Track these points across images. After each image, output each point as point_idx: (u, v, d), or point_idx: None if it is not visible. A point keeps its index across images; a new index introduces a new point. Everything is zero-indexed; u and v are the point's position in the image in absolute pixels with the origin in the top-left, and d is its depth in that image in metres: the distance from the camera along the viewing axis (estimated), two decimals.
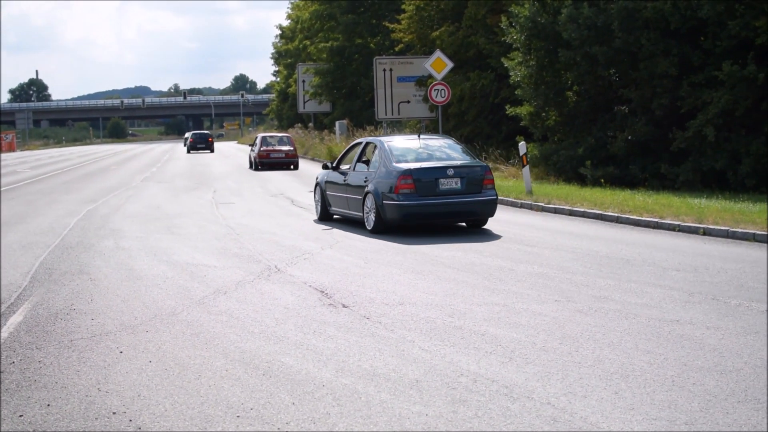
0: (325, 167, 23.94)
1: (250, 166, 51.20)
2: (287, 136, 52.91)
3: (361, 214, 20.48)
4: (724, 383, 8.18)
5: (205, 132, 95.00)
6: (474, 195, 19.67)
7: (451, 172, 19.58)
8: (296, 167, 49.04)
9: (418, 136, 21.97)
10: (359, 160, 21.52)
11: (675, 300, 11.82)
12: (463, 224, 20.14)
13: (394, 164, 19.80)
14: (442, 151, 21.01)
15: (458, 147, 21.40)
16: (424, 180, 19.43)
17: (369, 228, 19.98)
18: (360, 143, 22.42)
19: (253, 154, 50.44)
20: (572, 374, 8.54)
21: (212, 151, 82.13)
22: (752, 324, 10.37)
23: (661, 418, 7.33)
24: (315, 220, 22.46)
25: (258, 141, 50.81)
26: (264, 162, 48.68)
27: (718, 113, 25.42)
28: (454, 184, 19.54)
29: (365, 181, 20.41)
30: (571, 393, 7.99)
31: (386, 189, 19.50)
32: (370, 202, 19.99)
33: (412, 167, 19.56)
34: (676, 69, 26.91)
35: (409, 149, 20.77)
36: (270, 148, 49.59)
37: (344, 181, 21.61)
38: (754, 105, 25.49)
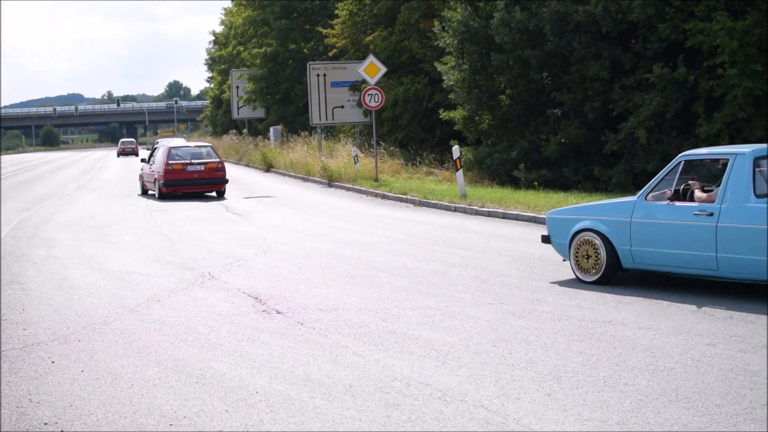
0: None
1: None
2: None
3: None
4: (656, 383, 8.26)
5: (132, 140, 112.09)
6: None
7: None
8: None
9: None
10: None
11: (607, 301, 11.94)
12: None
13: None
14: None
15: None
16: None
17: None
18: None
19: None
20: (505, 376, 8.58)
21: (137, 155, 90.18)
22: (683, 324, 10.48)
23: (593, 418, 7.39)
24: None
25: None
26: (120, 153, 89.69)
27: (650, 115, 25.63)
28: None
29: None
30: (504, 395, 8.03)
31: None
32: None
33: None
34: (607, 72, 27.11)
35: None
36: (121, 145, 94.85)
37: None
38: (685, 107, 25.75)
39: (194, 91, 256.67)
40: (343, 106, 45.07)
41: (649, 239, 13.09)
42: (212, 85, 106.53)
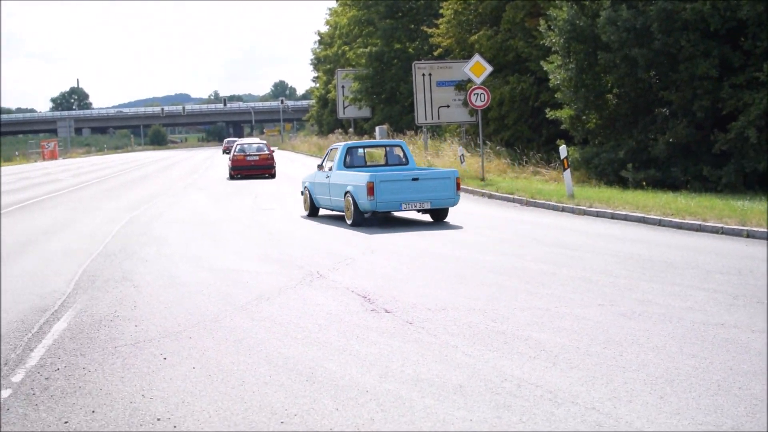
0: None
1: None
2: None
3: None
4: None
5: (235, 139, 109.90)
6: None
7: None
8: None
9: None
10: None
11: (719, 303, 11.74)
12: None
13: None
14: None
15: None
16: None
17: None
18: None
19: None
20: (617, 379, 8.49)
21: None
22: None
23: (707, 423, 7.28)
24: None
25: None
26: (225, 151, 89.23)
27: (760, 114, 25.25)
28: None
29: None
30: (616, 398, 7.95)
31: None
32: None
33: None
34: (716, 70, 26.74)
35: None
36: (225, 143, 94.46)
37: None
38: None
39: (300, 91, 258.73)
40: (448, 106, 45.07)
41: (317, 191, 24.47)
42: (318, 85, 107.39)
